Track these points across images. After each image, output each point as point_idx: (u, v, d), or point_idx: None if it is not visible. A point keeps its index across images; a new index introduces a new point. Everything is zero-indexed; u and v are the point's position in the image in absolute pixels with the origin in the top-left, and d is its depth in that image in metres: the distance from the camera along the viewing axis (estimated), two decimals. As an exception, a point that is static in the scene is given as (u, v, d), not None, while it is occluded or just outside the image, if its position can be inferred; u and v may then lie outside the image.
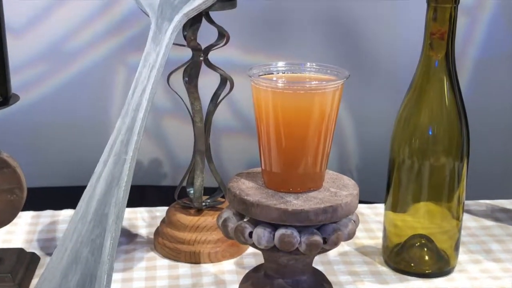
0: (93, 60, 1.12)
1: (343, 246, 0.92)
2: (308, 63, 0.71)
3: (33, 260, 0.86)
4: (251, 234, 0.66)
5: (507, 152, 1.18)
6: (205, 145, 0.88)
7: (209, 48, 0.85)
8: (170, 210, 0.92)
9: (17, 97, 0.79)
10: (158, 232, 0.92)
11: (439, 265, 0.86)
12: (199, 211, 0.90)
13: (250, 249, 0.91)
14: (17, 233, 0.95)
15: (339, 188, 0.69)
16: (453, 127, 0.82)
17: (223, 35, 0.85)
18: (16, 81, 1.06)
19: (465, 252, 0.91)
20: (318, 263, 0.87)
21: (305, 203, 0.66)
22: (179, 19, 0.77)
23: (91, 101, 1.15)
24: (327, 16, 1.12)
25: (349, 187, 0.70)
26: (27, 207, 0.84)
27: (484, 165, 1.09)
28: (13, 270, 0.81)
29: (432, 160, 0.82)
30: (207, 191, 0.91)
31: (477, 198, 1.06)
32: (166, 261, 0.88)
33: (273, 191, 0.68)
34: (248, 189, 0.69)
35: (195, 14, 0.78)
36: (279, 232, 0.65)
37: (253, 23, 1.12)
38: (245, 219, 0.68)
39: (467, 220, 1.00)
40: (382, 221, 0.89)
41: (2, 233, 0.94)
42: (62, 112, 1.15)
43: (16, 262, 0.83)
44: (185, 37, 0.83)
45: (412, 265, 0.86)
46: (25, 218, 0.99)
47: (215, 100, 0.88)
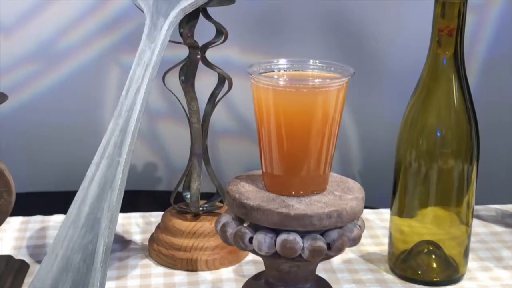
0: (85, 59, 1.13)
1: (347, 253, 0.92)
2: (311, 60, 0.70)
3: (22, 267, 0.86)
4: (251, 240, 0.66)
5: (518, 154, 1.21)
6: (202, 147, 0.88)
7: (207, 46, 0.85)
8: (165, 215, 0.91)
9: (5, 97, 0.79)
10: (153, 238, 0.92)
11: (447, 272, 0.85)
12: (196, 216, 0.90)
13: (249, 256, 0.91)
14: (5, 239, 0.95)
15: (343, 191, 0.69)
16: (462, 128, 0.82)
17: (221, 32, 0.85)
18: (5, 81, 1.06)
19: (474, 259, 0.91)
20: (321, 271, 0.87)
21: (308, 207, 0.65)
22: (175, 14, 0.77)
23: (83, 102, 1.15)
24: (330, 13, 1.13)
25: (354, 190, 0.69)
26: (16, 212, 0.84)
27: (494, 168, 1.10)
28: (1, 278, 0.81)
29: (440, 163, 0.82)
30: (204, 195, 0.91)
31: (486, 202, 1.06)
32: (161, 269, 0.88)
33: (275, 195, 0.68)
34: (248, 192, 0.68)
35: (192, 9, 0.78)
36: (281, 237, 0.65)
37: (252, 19, 1.12)
38: (245, 224, 0.68)
39: (476, 226, 1.00)
40: (387, 226, 0.89)
41: (-11, 239, 0.95)
42: (53, 113, 1.15)
43: (4, 270, 0.82)
44: (181, 34, 0.83)
45: (419, 272, 0.85)
46: (13, 223, 0.99)
47: (212, 100, 0.88)
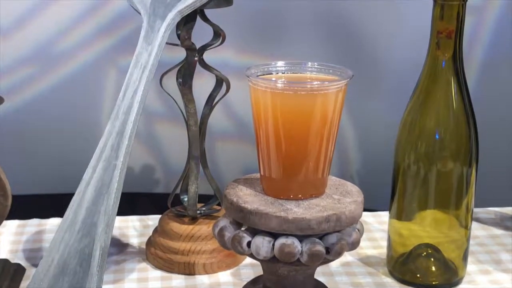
0: (82, 61, 1.12)
1: (345, 257, 0.92)
2: (309, 63, 0.70)
3: (18, 271, 0.85)
4: (249, 244, 0.66)
5: (517, 157, 1.20)
6: (199, 150, 0.88)
7: (204, 48, 0.85)
8: (163, 219, 0.91)
9: (1, 99, 0.78)
10: (150, 242, 0.91)
11: (446, 276, 0.85)
12: (193, 219, 0.90)
13: (247, 260, 0.91)
14: (1, 243, 0.94)
15: (342, 195, 0.69)
16: (461, 130, 0.81)
17: (218, 34, 0.84)
18: (1, 83, 1.05)
19: (473, 262, 0.91)
20: (320, 274, 0.87)
21: (306, 211, 0.65)
22: (172, 17, 0.77)
23: (80, 104, 1.15)
24: (328, 15, 1.13)
25: (353, 194, 0.69)
26: (12, 216, 0.84)
27: (494, 170, 1.10)
28: (-3, 283, 0.81)
29: (439, 166, 0.81)
30: (202, 198, 0.91)
31: (486, 205, 1.06)
32: (158, 273, 0.88)
33: (273, 198, 0.67)
34: (246, 196, 0.68)
35: (189, 11, 0.78)
36: (279, 241, 0.64)
37: (250, 21, 1.12)
38: (242, 228, 0.68)
39: (475, 229, 1.00)
40: (386, 229, 0.89)
41: (-15, 243, 0.95)
42: (49, 116, 1.15)
43: (0, 273, 0.82)
44: (178, 36, 0.83)
45: (418, 276, 0.85)
46: (9, 227, 0.99)
47: (210, 103, 0.88)
